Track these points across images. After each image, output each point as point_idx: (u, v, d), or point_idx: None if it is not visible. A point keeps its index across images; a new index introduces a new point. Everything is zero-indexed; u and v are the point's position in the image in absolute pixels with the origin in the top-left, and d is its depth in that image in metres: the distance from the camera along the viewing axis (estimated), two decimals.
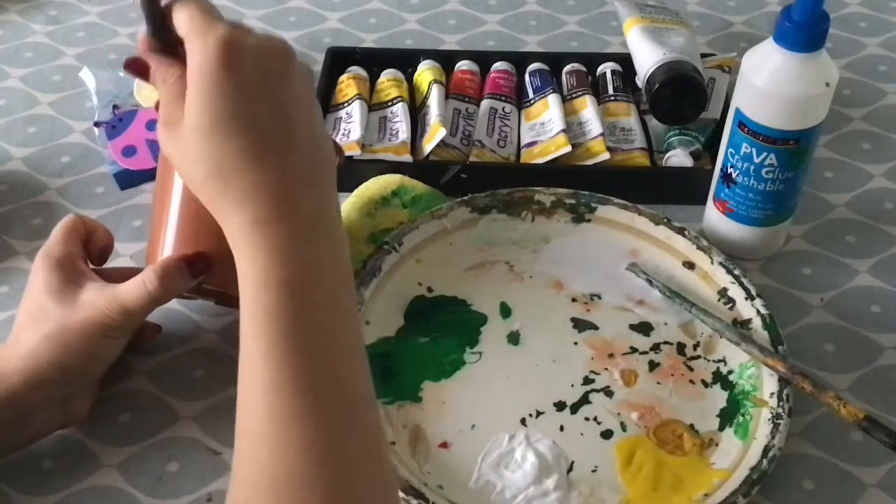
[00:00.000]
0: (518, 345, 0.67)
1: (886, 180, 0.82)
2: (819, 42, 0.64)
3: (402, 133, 0.81)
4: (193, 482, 0.60)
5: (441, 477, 0.59)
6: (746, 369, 0.65)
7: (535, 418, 0.63)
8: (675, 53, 0.80)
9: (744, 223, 0.72)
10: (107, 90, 0.86)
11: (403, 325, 0.68)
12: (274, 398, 0.45)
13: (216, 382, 0.65)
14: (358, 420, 0.46)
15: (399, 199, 0.75)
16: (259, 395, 0.45)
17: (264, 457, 0.44)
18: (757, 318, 0.67)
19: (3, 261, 0.74)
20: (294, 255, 0.47)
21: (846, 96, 0.90)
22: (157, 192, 0.63)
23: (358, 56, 0.90)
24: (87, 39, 0.97)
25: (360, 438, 0.46)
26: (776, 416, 0.61)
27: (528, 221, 0.75)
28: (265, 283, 0.47)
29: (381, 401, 0.63)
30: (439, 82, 0.85)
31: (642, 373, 0.66)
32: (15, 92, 0.90)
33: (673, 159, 0.79)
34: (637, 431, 0.62)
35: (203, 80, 0.48)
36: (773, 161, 0.68)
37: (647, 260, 0.72)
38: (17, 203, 0.79)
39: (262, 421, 0.45)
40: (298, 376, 0.45)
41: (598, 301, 0.70)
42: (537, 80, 0.87)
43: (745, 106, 0.68)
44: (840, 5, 1.03)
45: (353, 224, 0.73)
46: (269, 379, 0.45)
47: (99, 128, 0.83)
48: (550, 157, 0.79)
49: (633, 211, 0.74)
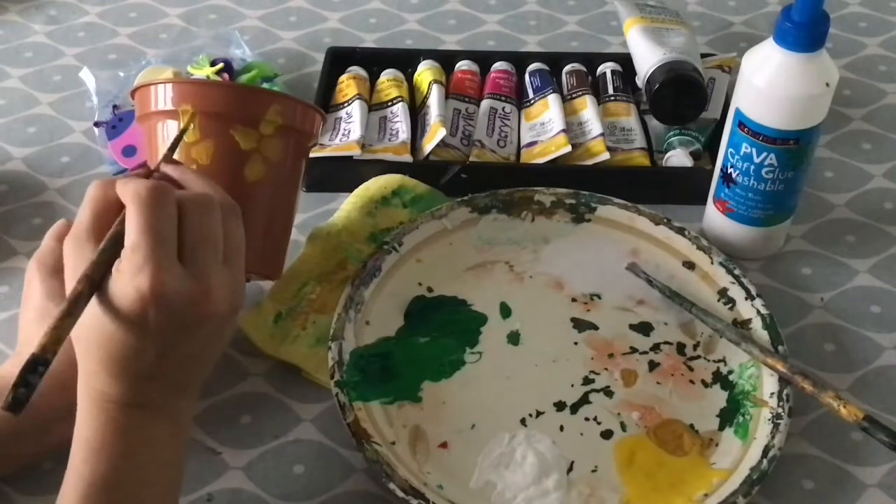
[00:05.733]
0: (518, 345, 0.67)
1: (886, 180, 0.82)
2: (819, 42, 0.64)
3: (402, 133, 0.81)
4: (193, 482, 0.60)
5: (441, 477, 0.59)
6: (746, 369, 0.65)
7: (535, 418, 0.63)
8: (675, 53, 0.80)
9: (744, 223, 0.72)
10: (107, 90, 0.86)
11: (403, 325, 0.68)
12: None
13: (216, 382, 0.65)
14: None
15: (399, 199, 0.75)
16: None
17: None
18: (757, 318, 0.67)
19: (3, 261, 0.74)
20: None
21: (846, 96, 0.90)
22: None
23: (358, 56, 0.90)
24: (87, 39, 0.97)
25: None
26: (776, 416, 0.61)
27: (528, 221, 0.75)
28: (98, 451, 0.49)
29: (381, 401, 0.63)
30: (439, 82, 0.85)
31: (642, 373, 0.66)
32: (15, 92, 0.90)
33: (673, 159, 0.79)
34: (637, 431, 0.62)
35: (113, 303, 0.48)
36: (773, 161, 0.68)
37: (647, 260, 0.72)
38: (17, 203, 0.79)
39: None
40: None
41: (598, 301, 0.70)
42: (537, 80, 0.87)
43: (745, 106, 0.68)
44: (840, 5, 1.03)
45: (353, 224, 0.74)
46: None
47: (99, 128, 0.83)
48: (550, 157, 0.79)
49: (633, 211, 0.74)
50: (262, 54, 0.94)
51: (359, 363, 0.64)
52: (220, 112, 0.59)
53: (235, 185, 0.58)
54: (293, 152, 0.63)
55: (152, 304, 0.47)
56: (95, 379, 0.49)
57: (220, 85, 0.73)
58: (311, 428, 0.63)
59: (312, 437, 0.63)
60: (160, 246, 0.47)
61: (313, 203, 0.79)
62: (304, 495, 0.60)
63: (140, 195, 0.48)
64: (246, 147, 0.59)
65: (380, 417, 0.62)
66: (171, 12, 1.01)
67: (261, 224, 0.61)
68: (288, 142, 0.62)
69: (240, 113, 0.59)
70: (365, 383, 0.63)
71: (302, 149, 0.65)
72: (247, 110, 0.60)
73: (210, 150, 0.59)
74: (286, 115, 0.61)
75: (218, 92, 0.61)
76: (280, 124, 0.60)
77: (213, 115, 0.59)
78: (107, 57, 0.94)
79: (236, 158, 0.59)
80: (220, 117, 0.59)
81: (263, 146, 0.60)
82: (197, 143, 0.59)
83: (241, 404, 0.65)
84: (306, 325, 0.67)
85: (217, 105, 0.59)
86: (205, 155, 0.59)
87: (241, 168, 0.59)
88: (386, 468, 0.58)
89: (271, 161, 0.60)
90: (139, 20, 1.00)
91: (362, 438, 0.59)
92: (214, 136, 0.59)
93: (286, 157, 0.62)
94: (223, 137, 0.59)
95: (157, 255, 0.47)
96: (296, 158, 0.64)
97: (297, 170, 0.65)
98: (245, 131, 0.59)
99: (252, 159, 0.59)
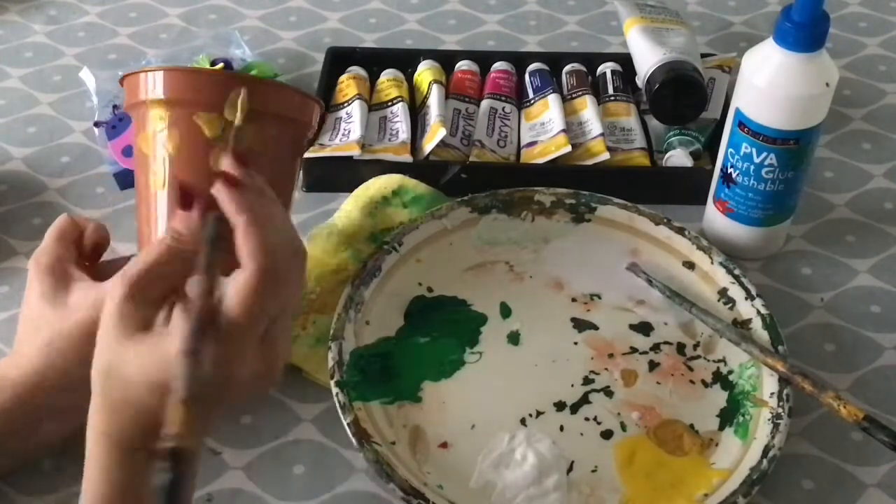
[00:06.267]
0: (518, 345, 0.67)
1: (886, 180, 0.82)
2: (819, 42, 0.64)
3: (402, 133, 0.81)
4: None
5: (441, 477, 0.59)
6: (746, 369, 0.65)
7: (535, 418, 0.63)
8: (675, 53, 0.80)
9: (744, 223, 0.72)
10: (107, 90, 0.86)
11: (403, 325, 0.68)
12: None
13: None
14: None
15: (399, 199, 0.75)
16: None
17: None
18: (757, 318, 0.67)
19: (3, 261, 0.74)
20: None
21: (846, 96, 0.90)
22: (139, 185, 0.60)
23: (358, 56, 0.90)
24: (87, 39, 0.97)
25: None
26: (776, 416, 0.61)
27: (528, 221, 0.75)
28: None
29: (381, 401, 0.63)
30: (439, 82, 0.85)
31: (642, 373, 0.66)
32: (15, 92, 0.90)
33: (673, 159, 0.79)
34: (637, 431, 0.62)
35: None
36: (773, 161, 0.68)
37: (647, 260, 0.72)
38: (17, 203, 0.79)
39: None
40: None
41: (598, 301, 0.70)
42: (537, 80, 0.87)
43: (745, 106, 0.68)
44: (840, 5, 1.03)
45: (353, 224, 0.74)
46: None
47: (99, 128, 0.83)
48: (550, 157, 0.79)
49: (633, 211, 0.74)
50: (262, 54, 0.94)
51: (359, 363, 0.64)
52: (182, 98, 0.57)
53: (203, 175, 0.55)
54: (279, 143, 0.60)
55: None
56: (115, 428, 0.48)
57: (182, 70, 0.66)
58: (311, 428, 0.63)
59: (312, 437, 0.63)
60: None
61: (313, 203, 0.79)
62: (304, 495, 0.60)
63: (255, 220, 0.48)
64: (211, 134, 0.56)
65: (380, 417, 0.62)
66: (171, 12, 1.01)
67: None
68: (267, 130, 0.58)
69: (203, 98, 0.57)
70: (365, 383, 0.63)
71: (294, 140, 0.62)
72: (209, 94, 0.57)
73: (175, 139, 0.57)
74: (258, 99, 0.57)
75: (180, 77, 0.58)
76: (251, 109, 0.56)
77: (178, 101, 0.57)
78: (107, 57, 0.94)
79: (203, 147, 0.56)
80: (183, 104, 0.57)
81: (233, 133, 0.56)
82: (163, 131, 0.57)
83: (240, 404, 0.64)
84: (306, 325, 0.67)
85: (179, 91, 0.57)
86: (171, 145, 0.57)
87: (207, 157, 0.55)
88: (386, 468, 0.58)
89: (247, 150, 0.56)
90: (139, 20, 1.00)
91: (362, 438, 0.59)
92: (178, 124, 0.57)
93: (268, 148, 0.58)
94: (188, 125, 0.56)
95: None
96: (284, 150, 0.61)
97: (288, 163, 0.62)
98: (209, 117, 0.56)
99: (219, 148, 0.55)
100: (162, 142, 0.57)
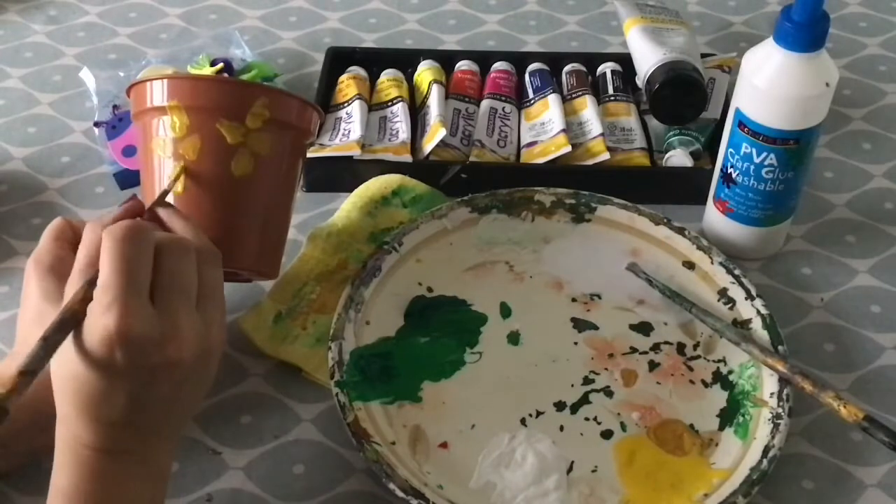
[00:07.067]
0: (518, 345, 0.67)
1: (886, 180, 0.82)
2: (819, 42, 0.64)
3: (402, 133, 0.81)
4: (193, 482, 0.60)
5: (441, 477, 0.59)
6: (746, 369, 0.65)
7: (535, 418, 0.63)
8: (675, 53, 0.80)
9: (744, 223, 0.72)
10: (107, 90, 0.86)
11: (403, 325, 0.68)
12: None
13: (216, 382, 0.65)
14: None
15: (399, 199, 0.75)
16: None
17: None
18: (757, 318, 0.67)
19: (3, 261, 0.74)
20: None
21: (846, 96, 0.90)
22: (145, 183, 0.62)
23: (358, 56, 0.90)
24: (87, 39, 0.97)
25: None
26: (776, 416, 0.61)
27: (528, 221, 0.75)
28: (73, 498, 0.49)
29: (381, 401, 0.63)
30: (439, 82, 0.85)
31: (642, 373, 0.66)
32: (15, 92, 0.90)
33: (673, 159, 0.79)
34: (637, 431, 0.62)
35: (83, 342, 0.48)
36: (773, 161, 0.68)
37: (647, 260, 0.72)
38: (17, 203, 0.79)
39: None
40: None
41: (598, 301, 0.70)
42: (537, 80, 0.87)
43: (745, 106, 0.68)
44: (840, 5, 1.03)
45: (353, 224, 0.74)
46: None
47: (99, 128, 0.83)
48: (550, 157, 0.79)
49: (633, 211, 0.74)
50: (262, 54, 0.94)
51: (359, 363, 0.64)
52: (205, 106, 0.59)
53: (222, 180, 0.59)
54: (286, 148, 0.62)
55: (118, 345, 0.46)
56: (70, 423, 0.49)
57: (206, 79, 0.72)
58: (311, 428, 0.63)
59: (312, 437, 0.63)
60: (130, 286, 0.47)
61: (313, 203, 0.79)
62: (304, 495, 0.60)
63: (115, 234, 0.48)
64: (233, 141, 0.59)
65: (380, 417, 0.62)
66: (171, 12, 1.01)
67: (255, 221, 0.61)
68: (278, 137, 0.61)
69: (225, 106, 0.59)
70: (365, 383, 0.63)
71: (297, 146, 0.64)
72: (232, 103, 0.59)
73: (197, 145, 0.58)
74: (274, 108, 0.60)
75: (203, 86, 0.60)
76: (268, 118, 0.60)
77: (200, 109, 0.59)
78: (107, 57, 0.94)
79: (223, 153, 0.59)
80: (206, 111, 0.59)
81: (251, 140, 0.59)
82: (184, 138, 0.58)
83: (241, 404, 0.65)
84: (306, 325, 0.67)
85: (202, 99, 0.59)
86: (191, 150, 0.58)
87: (227, 163, 0.59)
88: (386, 468, 0.58)
89: (261, 156, 0.60)
90: (139, 20, 1.00)
91: (362, 438, 0.59)
92: (200, 130, 0.58)
93: (277, 153, 0.61)
94: (210, 132, 0.58)
95: (126, 295, 0.47)
96: (290, 155, 0.63)
97: (292, 166, 0.64)
98: (231, 125, 0.59)
99: (239, 154, 0.59)
100: (182, 147, 0.59)
